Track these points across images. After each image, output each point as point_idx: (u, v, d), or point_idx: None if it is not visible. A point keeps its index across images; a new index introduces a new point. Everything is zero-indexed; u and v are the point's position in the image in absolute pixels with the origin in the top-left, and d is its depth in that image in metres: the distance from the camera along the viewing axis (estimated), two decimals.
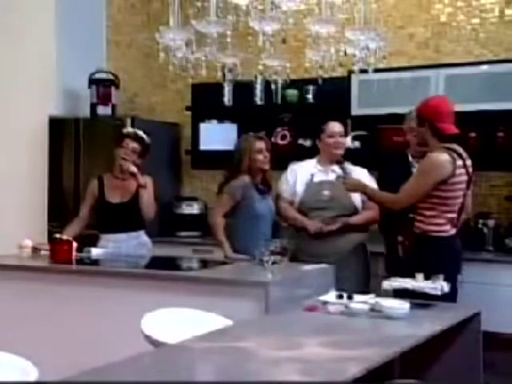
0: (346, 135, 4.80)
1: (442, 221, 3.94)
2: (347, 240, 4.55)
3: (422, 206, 3.94)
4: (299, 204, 4.63)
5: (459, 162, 3.90)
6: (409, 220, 4.07)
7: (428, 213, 3.94)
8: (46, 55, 6.23)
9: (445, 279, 3.45)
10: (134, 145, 4.78)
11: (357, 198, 4.55)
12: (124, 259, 4.66)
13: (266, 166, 4.64)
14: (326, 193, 4.56)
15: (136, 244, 4.83)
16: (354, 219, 4.55)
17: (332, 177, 4.59)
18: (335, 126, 4.66)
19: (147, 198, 4.76)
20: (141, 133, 4.88)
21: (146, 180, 4.78)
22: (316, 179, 4.63)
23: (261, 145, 4.63)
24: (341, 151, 4.65)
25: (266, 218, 4.61)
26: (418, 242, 3.99)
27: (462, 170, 3.92)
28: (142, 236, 4.89)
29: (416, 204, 3.97)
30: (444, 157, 3.88)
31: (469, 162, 3.99)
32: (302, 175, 4.67)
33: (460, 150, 3.96)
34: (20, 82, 6.20)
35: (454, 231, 4.00)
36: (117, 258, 4.63)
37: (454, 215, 3.97)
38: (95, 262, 4.51)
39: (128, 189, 4.82)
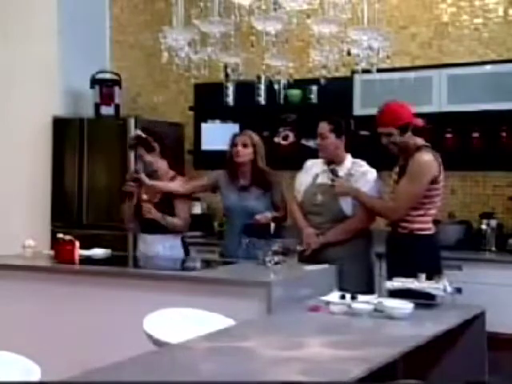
0: (339, 135, 4.32)
1: (427, 219, 4.01)
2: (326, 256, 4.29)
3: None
4: (301, 205, 4.43)
5: (439, 159, 3.97)
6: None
7: (415, 212, 3.98)
8: (49, 55, 6.23)
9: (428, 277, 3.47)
10: (139, 152, 4.67)
11: (349, 203, 4.26)
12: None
13: (238, 159, 4.55)
14: (319, 197, 4.32)
15: (163, 247, 4.64)
16: (330, 236, 4.27)
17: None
18: (319, 127, 4.38)
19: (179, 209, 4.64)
20: (133, 135, 4.76)
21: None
22: (318, 181, 4.39)
23: (237, 139, 4.62)
24: (322, 153, 4.37)
25: (237, 214, 4.56)
26: (404, 242, 4.01)
27: (441, 167, 3.99)
28: (170, 240, 4.66)
29: None
30: (428, 156, 3.95)
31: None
32: (308, 175, 4.45)
33: None
34: (23, 82, 6.20)
35: (434, 229, 4.07)
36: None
37: (435, 212, 4.05)
38: (98, 262, 4.52)
39: (155, 190, 4.66)
